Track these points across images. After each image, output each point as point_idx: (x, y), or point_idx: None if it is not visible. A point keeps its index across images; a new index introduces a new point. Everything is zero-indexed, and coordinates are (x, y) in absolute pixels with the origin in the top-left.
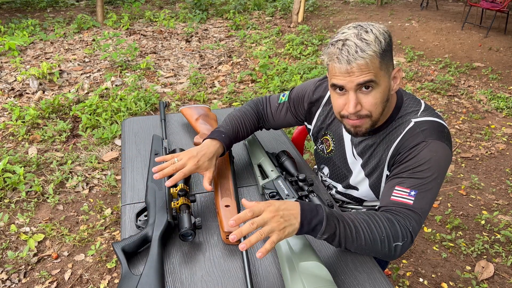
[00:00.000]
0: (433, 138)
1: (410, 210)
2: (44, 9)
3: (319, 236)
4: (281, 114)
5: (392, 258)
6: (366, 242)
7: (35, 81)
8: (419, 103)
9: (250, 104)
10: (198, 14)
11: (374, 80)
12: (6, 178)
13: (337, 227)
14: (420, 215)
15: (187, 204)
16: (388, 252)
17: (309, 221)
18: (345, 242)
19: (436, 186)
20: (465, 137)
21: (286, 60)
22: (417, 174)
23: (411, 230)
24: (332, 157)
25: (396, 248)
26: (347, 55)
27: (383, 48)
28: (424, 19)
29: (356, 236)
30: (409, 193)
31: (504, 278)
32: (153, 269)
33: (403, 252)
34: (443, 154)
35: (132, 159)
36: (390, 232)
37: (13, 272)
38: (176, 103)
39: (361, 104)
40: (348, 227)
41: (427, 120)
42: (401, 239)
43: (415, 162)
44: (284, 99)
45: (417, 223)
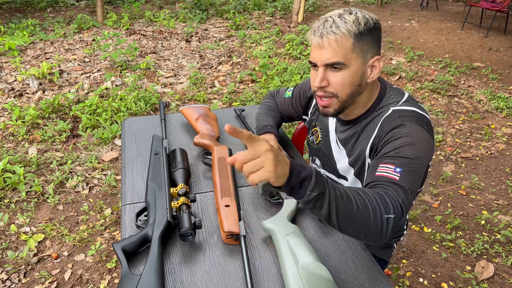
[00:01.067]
0: (411, 122)
1: (397, 185)
2: (44, 9)
3: (308, 194)
4: (286, 108)
5: (384, 235)
6: (358, 209)
7: (35, 81)
8: (402, 94)
9: (268, 97)
10: (198, 14)
11: (341, 62)
12: (6, 178)
13: (326, 187)
14: (408, 192)
15: (187, 204)
16: (380, 226)
17: (298, 172)
18: (336, 207)
19: (420, 168)
20: (465, 137)
21: (286, 60)
22: (399, 153)
23: (401, 203)
24: (321, 148)
25: (388, 221)
26: (322, 29)
27: (361, 30)
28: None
29: (347, 201)
30: (394, 169)
31: (504, 278)
32: (153, 269)
33: (395, 228)
34: (424, 137)
35: (132, 159)
36: (381, 202)
37: (13, 272)
38: (176, 103)
39: (328, 81)
40: (337, 190)
41: (407, 109)
42: (392, 211)
43: (395, 144)
44: (289, 95)
45: (406, 199)
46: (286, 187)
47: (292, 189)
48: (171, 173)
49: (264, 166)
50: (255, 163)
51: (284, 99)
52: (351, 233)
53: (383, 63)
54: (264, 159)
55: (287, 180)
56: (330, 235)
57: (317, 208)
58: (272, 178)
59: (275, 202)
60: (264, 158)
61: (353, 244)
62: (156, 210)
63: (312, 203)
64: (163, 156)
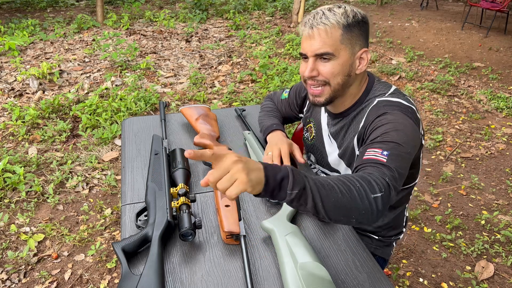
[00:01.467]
0: (396, 111)
1: (383, 165)
2: (44, 9)
3: (289, 193)
4: (284, 109)
5: (376, 214)
6: (343, 195)
7: (35, 81)
8: (389, 87)
9: (267, 99)
10: (198, 14)
11: (330, 52)
12: (6, 178)
13: (305, 181)
14: (395, 172)
15: (187, 204)
16: (369, 206)
17: (274, 175)
18: (320, 199)
19: (407, 155)
20: (465, 137)
21: (286, 60)
22: (386, 138)
23: (388, 180)
24: (315, 143)
25: (376, 200)
26: (312, 20)
27: (349, 22)
28: (424, 19)
29: (330, 190)
30: (381, 152)
31: (504, 278)
32: (153, 269)
33: (385, 206)
34: (409, 124)
35: (132, 159)
36: (365, 183)
37: (13, 272)
38: (176, 103)
39: (318, 71)
40: (317, 181)
41: (392, 100)
42: (378, 190)
43: (381, 130)
44: (286, 96)
45: (394, 178)
46: (266, 192)
47: (272, 192)
48: (171, 173)
49: (236, 178)
50: (226, 179)
51: (281, 100)
52: (343, 220)
53: (370, 55)
54: (235, 171)
55: (264, 185)
56: (330, 235)
57: (302, 204)
58: (248, 188)
59: (275, 202)
60: (235, 170)
61: (353, 244)
62: (156, 210)
63: (296, 201)
64: (163, 156)
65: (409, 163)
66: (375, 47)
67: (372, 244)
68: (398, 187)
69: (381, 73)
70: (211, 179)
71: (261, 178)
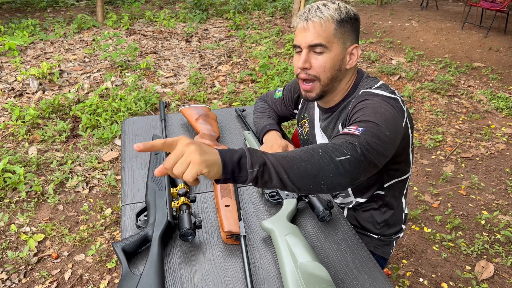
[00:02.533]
0: (377, 99)
1: (355, 136)
2: (44, 9)
3: (250, 172)
4: (279, 108)
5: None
6: (306, 162)
7: (35, 81)
8: (377, 82)
9: (259, 101)
10: (198, 14)
11: (324, 44)
12: (6, 178)
13: (264, 157)
14: (367, 144)
15: (187, 204)
16: (336, 169)
17: (230, 157)
18: (284, 171)
19: (385, 137)
20: (465, 137)
21: (286, 60)
22: (363, 118)
23: (358, 144)
24: (309, 138)
25: (343, 162)
26: (307, 13)
27: (342, 17)
28: (424, 19)
29: (291, 160)
30: (356, 128)
31: (504, 278)
32: (153, 269)
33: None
34: (389, 109)
35: (132, 159)
36: (328, 148)
37: (13, 272)
38: (176, 103)
39: (311, 63)
40: (277, 156)
41: (376, 92)
42: (344, 153)
43: (360, 112)
44: (279, 95)
45: (365, 148)
46: (226, 174)
47: (233, 174)
48: None
49: (190, 159)
50: (181, 162)
51: (275, 100)
52: (313, 189)
53: (360, 51)
54: (188, 153)
55: (222, 167)
56: (330, 235)
57: (268, 181)
58: (204, 169)
59: (275, 202)
60: (187, 152)
61: (353, 244)
62: (156, 210)
63: (260, 179)
64: (163, 156)
65: (389, 145)
66: (375, 47)
67: (372, 243)
68: (373, 159)
69: (381, 73)
70: (166, 165)
71: (217, 159)
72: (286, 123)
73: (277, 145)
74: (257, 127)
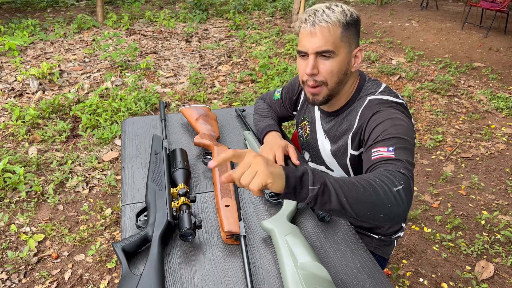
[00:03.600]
0: (387, 107)
1: (394, 159)
2: (44, 9)
3: (311, 189)
4: (278, 109)
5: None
6: (365, 190)
7: (35, 81)
8: (380, 85)
9: (259, 101)
10: (198, 14)
11: (332, 50)
12: (6, 178)
13: (325, 177)
14: (406, 163)
15: (187, 204)
16: (394, 200)
17: (293, 172)
18: (343, 194)
19: (409, 146)
20: (465, 137)
21: (286, 60)
22: (387, 136)
23: (404, 172)
24: (309, 141)
25: (399, 193)
26: (313, 18)
27: (348, 20)
28: (424, 19)
29: (351, 185)
30: (387, 149)
31: (504, 278)
32: (153, 269)
33: (409, 196)
34: (402, 118)
35: (132, 159)
36: (384, 178)
37: (13, 272)
38: (176, 103)
39: (318, 69)
40: (337, 178)
41: (382, 98)
42: (398, 183)
43: (380, 128)
44: (278, 96)
45: (407, 169)
46: (288, 188)
47: (295, 189)
48: (171, 173)
49: (257, 171)
50: (249, 172)
51: (274, 101)
52: (370, 216)
53: (364, 53)
54: (255, 164)
55: (285, 181)
56: (330, 235)
57: (327, 202)
58: (269, 179)
59: (275, 202)
60: (255, 163)
61: (353, 244)
62: (156, 210)
63: (320, 198)
64: (163, 156)
65: (414, 153)
66: (375, 47)
67: (372, 243)
68: (411, 175)
69: (381, 73)
70: (235, 176)
71: (281, 173)
72: (286, 123)
73: (277, 146)
74: (258, 127)
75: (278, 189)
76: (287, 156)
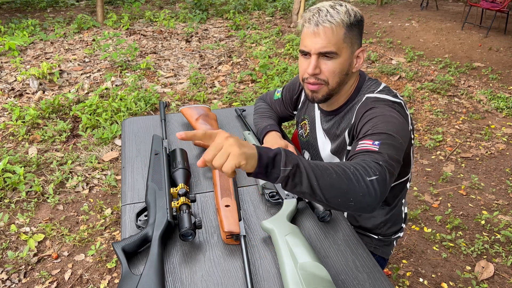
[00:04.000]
0: (382, 105)
1: (376, 152)
2: (44, 9)
3: (283, 170)
4: (279, 109)
5: (375, 197)
6: (338, 176)
7: (35, 81)
8: (379, 85)
9: (259, 101)
10: (198, 14)
11: (335, 51)
12: (6, 178)
13: (298, 160)
14: (388, 158)
15: (187, 204)
16: (366, 189)
17: (266, 152)
18: (315, 177)
19: (398, 145)
20: (465, 137)
21: (286, 60)
22: (376, 130)
23: (382, 164)
24: (309, 140)
25: (373, 183)
26: (317, 17)
27: (351, 21)
28: (424, 19)
29: (324, 170)
30: (372, 143)
31: (504, 278)
32: (153, 269)
33: (383, 188)
34: (396, 116)
35: (132, 159)
36: (359, 167)
37: (13, 272)
38: (176, 103)
39: (320, 69)
40: (311, 162)
41: (379, 96)
42: (373, 173)
43: (371, 123)
44: (278, 96)
45: (387, 163)
46: (260, 168)
47: (267, 168)
48: (171, 173)
49: (230, 152)
50: (221, 154)
51: (275, 101)
52: (341, 203)
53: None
54: (227, 146)
55: (258, 160)
56: (330, 235)
57: (298, 184)
58: (243, 160)
59: (275, 202)
60: (227, 145)
61: (353, 244)
62: (156, 210)
63: (290, 180)
64: (163, 156)
65: (402, 152)
66: (375, 47)
67: (372, 243)
68: (394, 172)
69: (381, 73)
70: (206, 157)
71: (254, 153)
72: (286, 123)
73: (277, 146)
74: (258, 127)
75: (250, 170)
76: None
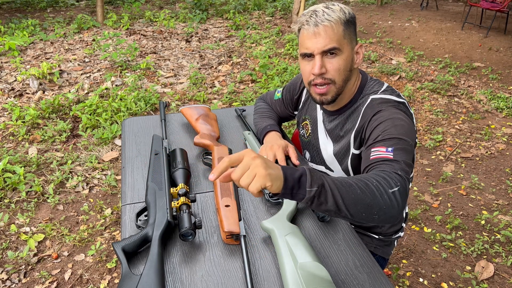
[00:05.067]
0: (389, 107)
1: (392, 161)
2: (44, 9)
3: (309, 190)
4: (279, 109)
5: (397, 209)
6: (362, 191)
7: (35, 81)
8: (382, 85)
9: (259, 101)
10: (198, 14)
11: (337, 47)
12: (6, 178)
13: (323, 179)
14: (404, 165)
15: (187, 204)
16: (389, 201)
17: (292, 173)
18: (340, 195)
19: (409, 147)
20: (465, 137)
21: (286, 60)
22: (387, 136)
23: (400, 173)
24: (310, 140)
25: (395, 194)
26: (315, 18)
27: (347, 18)
28: (424, 19)
29: (348, 187)
30: (386, 149)
31: (504, 278)
32: (153, 269)
33: (404, 198)
34: (403, 118)
35: (132, 159)
36: (381, 179)
37: (13, 272)
38: (176, 103)
39: (326, 68)
40: (335, 179)
41: (384, 97)
42: (394, 184)
43: (380, 128)
44: (278, 96)
45: (404, 171)
46: (286, 189)
47: (292, 190)
48: (171, 173)
49: (256, 173)
50: (248, 174)
51: (275, 101)
52: (365, 217)
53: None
54: (254, 166)
55: (284, 182)
56: (330, 235)
57: (323, 203)
58: (268, 181)
59: (275, 202)
60: (254, 165)
61: (353, 244)
62: (156, 210)
63: (316, 199)
64: (163, 156)
65: (413, 154)
66: (375, 47)
67: (373, 243)
68: (408, 177)
69: (381, 73)
70: (234, 177)
71: (280, 174)
72: (286, 123)
73: (277, 146)
74: (258, 127)
75: (276, 191)
76: (287, 156)
